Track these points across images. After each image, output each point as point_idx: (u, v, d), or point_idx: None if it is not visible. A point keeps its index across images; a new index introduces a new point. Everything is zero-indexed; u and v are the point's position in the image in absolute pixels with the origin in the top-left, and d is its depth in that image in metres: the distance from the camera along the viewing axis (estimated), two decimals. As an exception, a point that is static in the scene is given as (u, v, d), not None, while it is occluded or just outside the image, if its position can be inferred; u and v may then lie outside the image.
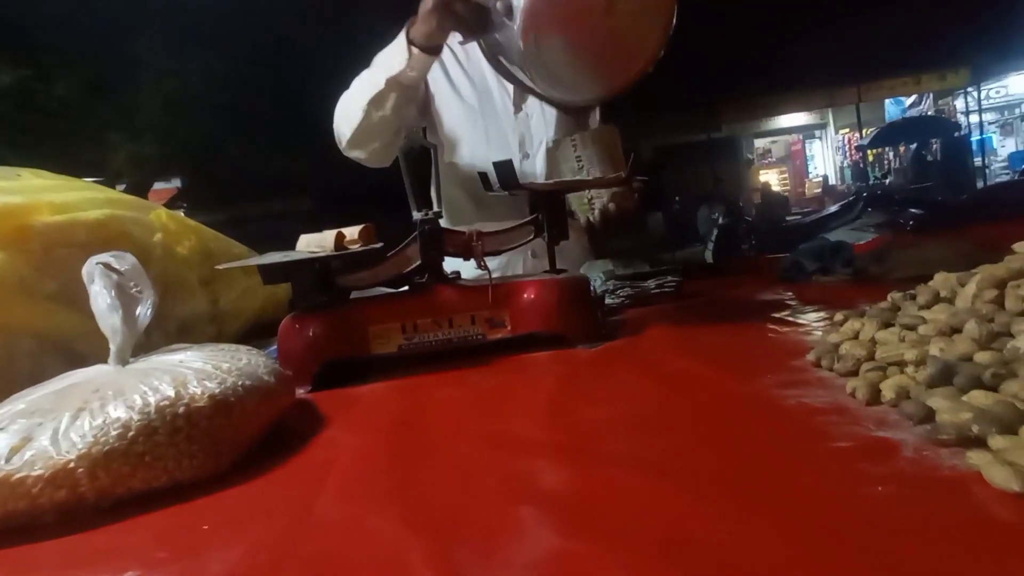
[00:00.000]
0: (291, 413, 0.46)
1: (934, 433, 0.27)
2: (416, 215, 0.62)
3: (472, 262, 0.64)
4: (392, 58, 0.79)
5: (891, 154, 9.65)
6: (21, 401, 0.34)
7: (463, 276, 0.65)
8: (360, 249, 0.60)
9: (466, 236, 0.64)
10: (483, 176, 0.70)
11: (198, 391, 0.35)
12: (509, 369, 0.56)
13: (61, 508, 0.29)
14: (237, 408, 0.37)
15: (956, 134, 8.14)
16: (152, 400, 0.33)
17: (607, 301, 0.85)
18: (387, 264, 0.62)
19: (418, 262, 0.62)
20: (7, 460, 0.29)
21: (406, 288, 0.64)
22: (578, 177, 0.68)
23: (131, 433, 0.31)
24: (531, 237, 0.67)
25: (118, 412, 0.32)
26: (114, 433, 0.31)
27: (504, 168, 0.61)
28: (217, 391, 0.36)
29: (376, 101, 0.81)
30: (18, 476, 0.28)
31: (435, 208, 0.64)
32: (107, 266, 0.43)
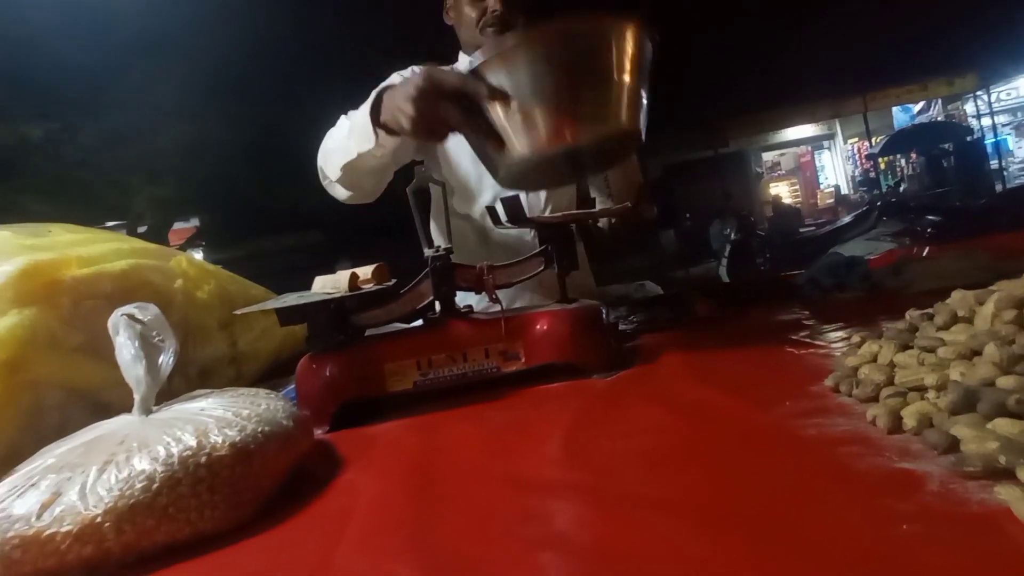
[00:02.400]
0: (310, 456, 0.46)
1: (960, 464, 0.27)
2: (427, 252, 0.63)
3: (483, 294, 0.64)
4: (363, 126, 0.69)
5: (903, 161, 9.56)
6: (51, 455, 0.35)
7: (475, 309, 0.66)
8: (374, 288, 0.62)
9: (477, 270, 0.65)
10: (491, 210, 0.71)
11: (219, 440, 0.36)
12: (524, 403, 0.56)
13: (88, 564, 0.30)
14: (258, 456, 0.37)
15: (969, 138, 8.05)
16: (175, 451, 0.34)
17: (620, 327, 0.85)
18: (400, 301, 0.63)
19: (431, 298, 0.63)
20: (38, 517, 0.30)
21: (420, 323, 0.64)
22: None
23: (155, 485, 0.32)
24: (541, 269, 0.68)
25: (143, 464, 0.33)
26: (139, 486, 0.31)
27: (512, 203, 0.62)
28: (238, 439, 0.37)
29: (350, 167, 0.76)
30: (48, 533, 0.29)
31: (446, 244, 0.65)
32: (131, 317, 0.44)
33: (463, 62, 0.98)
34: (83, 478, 0.32)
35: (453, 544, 0.29)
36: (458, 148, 0.96)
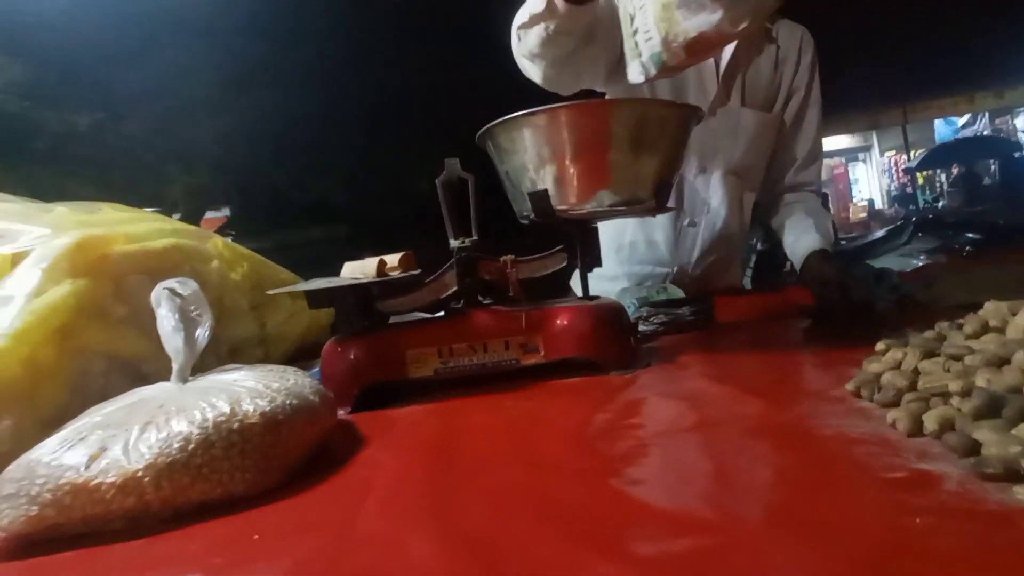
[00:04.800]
0: (333, 433, 0.48)
1: (980, 466, 0.26)
2: (453, 243, 0.65)
3: None
4: None
5: (943, 176, 9.23)
6: (97, 414, 0.37)
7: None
8: (400, 276, 0.63)
9: (500, 263, 0.66)
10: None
11: (251, 408, 0.38)
12: (542, 394, 0.57)
13: (129, 514, 0.32)
14: (286, 426, 0.39)
15: (1017, 154, 7.73)
16: (210, 416, 0.36)
17: (640, 328, 0.85)
18: (425, 290, 0.65)
19: (454, 288, 0.64)
20: (87, 467, 0.32)
21: (442, 313, 0.66)
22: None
23: (191, 446, 0.34)
24: (564, 264, 0.68)
25: (180, 426, 0.35)
26: (176, 446, 0.33)
27: (539, 198, 0.63)
28: (268, 409, 0.38)
29: (524, 33, 0.75)
30: (95, 482, 0.31)
31: (473, 236, 0.66)
32: (172, 291, 0.47)
33: None
34: (126, 436, 0.34)
35: (470, 517, 0.31)
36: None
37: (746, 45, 0.94)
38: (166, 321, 0.45)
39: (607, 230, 1.05)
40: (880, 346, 0.49)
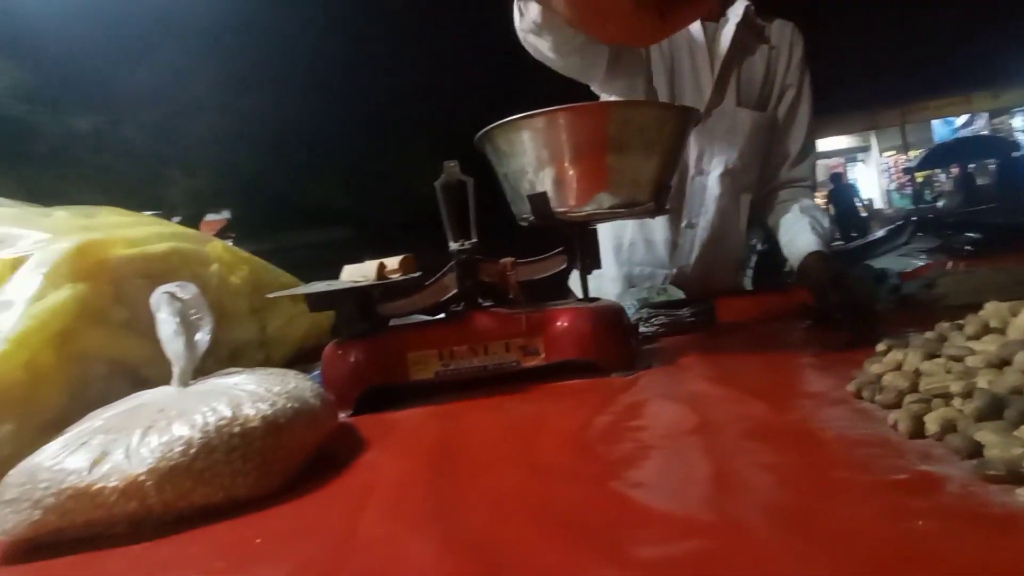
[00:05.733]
0: (334, 437, 0.48)
1: (982, 468, 0.26)
2: (453, 245, 0.65)
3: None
4: None
5: (942, 176, 9.24)
6: (99, 419, 0.37)
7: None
8: (400, 278, 0.63)
9: (500, 265, 0.66)
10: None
11: (252, 412, 0.38)
12: (543, 397, 0.57)
13: (132, 518, 0.32)
14: (287, 429, 0.39)
15: (1015, 153, 7.74)
16: (211, 420, 0.36)
17: (641, 329, 0.85)
18: (425, 292, 0.65)
19: (454, 290, 0.64)
20: (89, 471, 0.32)
21: (443, 316, 0.66)
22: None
23: (193, 450, 0.34)
24: (564, 266, 0.68)
25: (182, 430, 0.35)
26: (178, 450, 0.33)
27: (538, 200, 0.63)
28: (269, 412, 0.38)
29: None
30: (97, 487, 0.31)
31: (472, 239, 0.66)
32: (172, 295, 0.47)
33: None
34: (128, 440, 0.34)
35: (472, 521, 0.31)
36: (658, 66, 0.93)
37: (740, 46, 0.95)
38: (166, 325, 0.45)
39: (606, 231, 1.05)
40: (881, 347, 0.49)
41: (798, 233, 0.92)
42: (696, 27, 0.95)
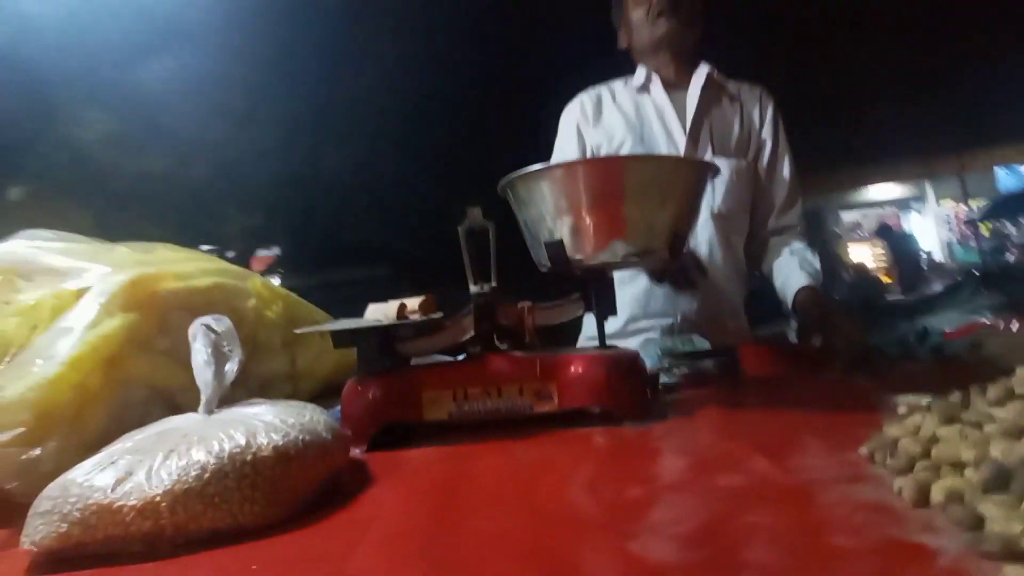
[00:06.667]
0: (345, 471, 0.50)
1: (978, 543, 0.25)
2: (473, 288, 0.67)
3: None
4: None
5: (1009, 227, 8.73)
6: (129, 440, 0.40)
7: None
8: (419, 319, 0.66)
9: (518, 309, 0.68)
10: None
11: (264, 441, 0.40)
12: (553, 443, 0.57)
13: (147, 537, 0.34)
14: (297, 460, 0.41)
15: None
16: (227, 447, 0.38)
17: (663, 379, 0.84)
18: (444, 333, 0.67)
19: (472, 333, 0.66)
20: (112, 490, 0.34)
21: (461, 357, 0.68)
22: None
23: (207, 475, 0.36)
24: (581, 312, 0.70)
25: (199, 455, 0.37)
26: (193, 474, 0.36)
27: (554, 248, 0.65)
28: (281, 443, 0.41)
29: None
30: (117, 504, 0.34)
31: (492, 282, 0.69)
32: (208, 327, 0.51)
33: (640, 72, 1.08)
34: (151, 461, 0.37)
35: (463, 559, 0.31)
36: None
37: (707, 101, 1.04)
38: (199, 355, 0.48)
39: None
40: (902, 409, 0.48)
41: (789, 275, 0.95)
42: (662, 95, 1.04)
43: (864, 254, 9.97)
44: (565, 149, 1.08)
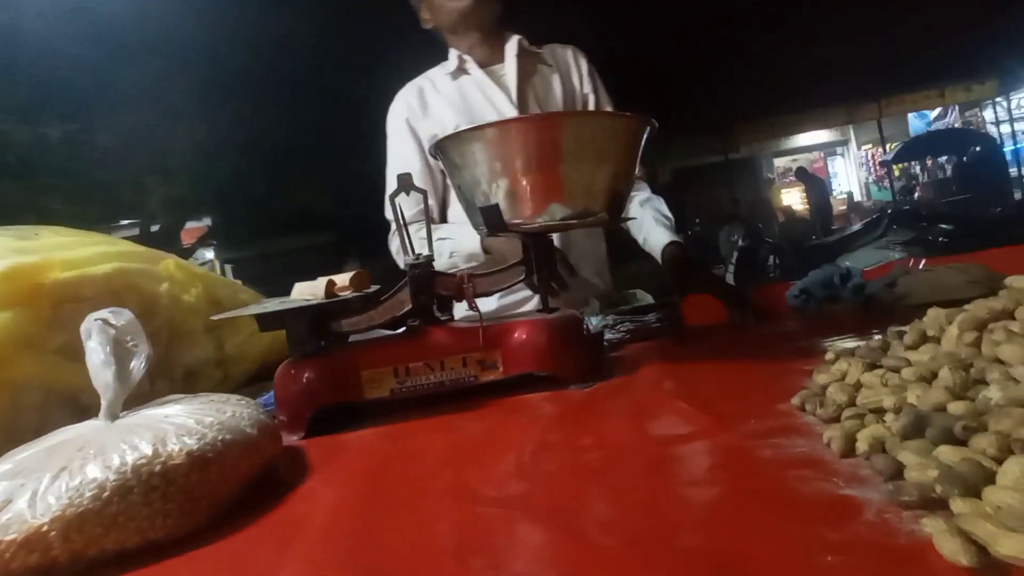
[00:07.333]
0: (278, 462, 0.47)
1: (898, 493, 0.26)
2: (407, 259, 0.64)
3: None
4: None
5: (917, 168, 9.41)
6: (10, 460, 0.35)
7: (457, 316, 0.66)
8: (350, 296, 0.62)
9: (457, 279, 0.65)
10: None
11: (176, 448, 0.36)
12: (498, 413, 0.56)
13: (34, 571, 0.30)
14: (215, 463, 0.37)
15: (984, 146, 7.90)
16: (129, 459, 0.34)
17: (607, 336, 0.85)
18: (380, 308, 0.63)
19: (410, 305, 0.63)
20: (-15, 525, 0.30)
21: (401, 331, 0.65)
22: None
23: (105, 494, 0.32)
24: (522, 277, 0.68)
25: (95, 472, 0.33)
26: (88, 495, 0.32)
27: (490, 212, 0.62)
28: (195, 447, 0.37)
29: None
30: (-6, 540, 0.30)
31: (427, 252, 0.65)
32: (104, 322, 0.45)
33: (452, 56, 1.05)
34: (36, 485, 0.32)
35: (390, 559, 0.30)
36: None
37: (525, 70, 1.04)
38: (95, 354, 0.43)
39: None
40: (829, 355, 0.49)
41: (649, 230, 0.96)
42: (480, 74, 1.03)
43: (794, 198, 10.49)
44: (402, 149, 1.04)
